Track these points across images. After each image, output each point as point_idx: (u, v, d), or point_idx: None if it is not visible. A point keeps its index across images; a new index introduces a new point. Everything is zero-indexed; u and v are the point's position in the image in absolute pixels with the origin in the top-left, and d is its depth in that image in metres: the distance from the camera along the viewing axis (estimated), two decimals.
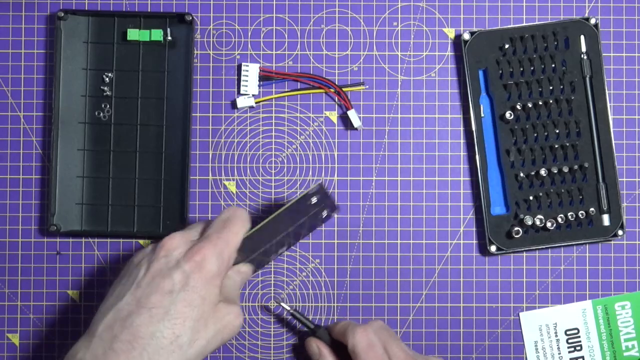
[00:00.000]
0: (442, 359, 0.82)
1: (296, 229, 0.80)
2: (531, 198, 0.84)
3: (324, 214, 0.82)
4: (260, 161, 0.86)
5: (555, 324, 0.86)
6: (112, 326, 0.72)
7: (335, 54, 0.86)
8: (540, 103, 0.84)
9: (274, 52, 0.86)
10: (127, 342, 0.71)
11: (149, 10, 0.86)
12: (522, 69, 0.84)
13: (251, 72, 0.85)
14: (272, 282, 0.86)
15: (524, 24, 0.85)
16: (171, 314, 0.72)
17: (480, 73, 0.85)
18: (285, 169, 0.86)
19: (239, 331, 0.78)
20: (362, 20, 0.87)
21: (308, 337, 0.83)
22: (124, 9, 0.86)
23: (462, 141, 0.86)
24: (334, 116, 0.86)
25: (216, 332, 0.74)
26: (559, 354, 0.86)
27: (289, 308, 0.84)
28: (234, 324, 0.75)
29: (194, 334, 0.72)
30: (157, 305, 0.72)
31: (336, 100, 0.86)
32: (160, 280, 0.73)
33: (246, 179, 0.86)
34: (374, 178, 0.86)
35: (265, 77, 0.86)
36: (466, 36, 0.85)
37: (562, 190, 0.84)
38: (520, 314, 0.86)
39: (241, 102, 0.85)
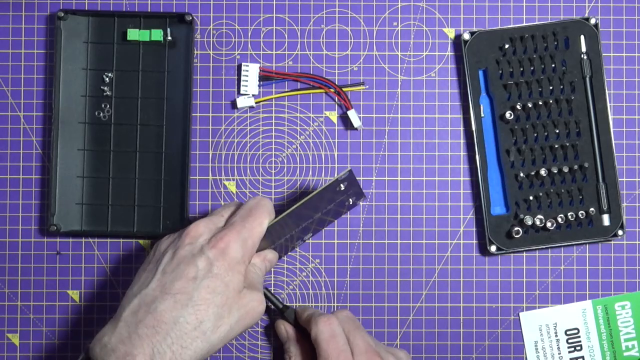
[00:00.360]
0: (406, 353, 0.82)
1: (322, 215, 0.81)
2: (531, 198, 0.84)
3: (351, 201, 0.83)
4: (260, 161, 0.86)
5: (555, 324, 0.86)
6: (137, 311, 0.73)
7: (335, 54, 0.86)
8: (540, 103, 0.84)
9: (274, 52, 0.86)
10: (151, 326, 0.72)
11: (149, 10, 0.86)
12: (522, 69, 0.84)
13: (251, 72, 0.85)
14: (272, 282, 0.86)
15: (524, 24, 0.85)
16: (195, 300, 0.73)
17: (480, 73, 0.85)
18: (285, 169, 0.86)
19: (261, 317, 0.79)
20: (362, 20, 0.87)
21: (278, 318, 0.83)
22: (124, 9, 0.86)
23: (462, 141, 0.86)
24: (334, 116, 0.86)
25: (239, 318, 0.75)
26: (559, 354, 0.86)
27: None
28: (257, 310, 0.76)
29: (217, 320, 0.73)
30: (181, 291, 0.73)
31: (336, 100, 0.86)
32: (185, 266, 0.74)
33: (246, 179, 0.86)
34: (374, 178, 0.86)
35: (265, 77, 0.86)
36: (466, 36, 0.85)
37: (562, 190, 0.84)
38: (520, 314, 0.86)
39: (241, 102, 0.85)
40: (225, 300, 0.74)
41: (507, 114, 0.84)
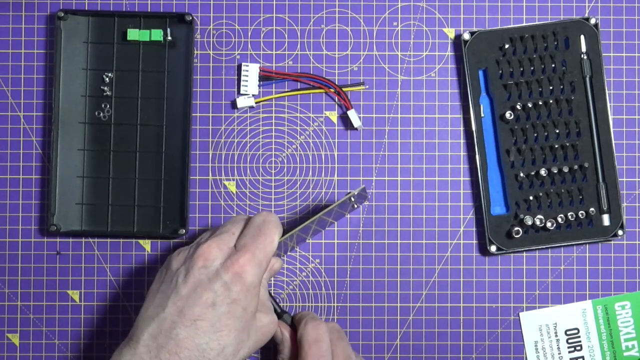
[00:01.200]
0: None
1: (324, 216, 0.82)
2: (531, 198, 0.84)
3: (355, 205, 0.84)
4: (260, 161, 0.86)
5: (555, 324, 0.86)
6: (157, 336, 0.72)
7: (335, 54, 0.86)
8: (540, 103, 0.84)
9: (274, 52, 0.86)
10: (174, 353, 0.72)
11: (149, 10, 0.86)
12: (522, 69, 0.84)
13: (251, 72, 0.85)
14: (273, 281, 0.86)
15: (524, 24, 0.85)
16: (217, 326, 0.73)
17: (480, 73, 0.85)
18: (285, 169, 0.86)
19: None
20: (362, 20, 0.87)
21: None
22: (124, 9, 0.86)
23: (462, 141, 0.86)
24: (334, 116, 0.86)
25: (256, 340, 0.76)
26: (559, 354, 0.86)
27: None
28: (272, 331, 0.78)
29: (237, 344, 0.74)
30: (201, 317, 0.72)
31: (336, 100, 0.86)
32: (202, 291, 0.73)
33: (246, 179, 0.86)
34: (374, 178, 0.86)
35: (265, 77, 0.86)
36: (466, 36, 0.85)
37: (562, 190, 0.84)
38: (520, 314, 0.86)
39: (241, 102, 0.85)
40: (244, 324, 0.74)
41: (507, 114, 0.84)
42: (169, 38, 0.85)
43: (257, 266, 0.74)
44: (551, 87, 0.84)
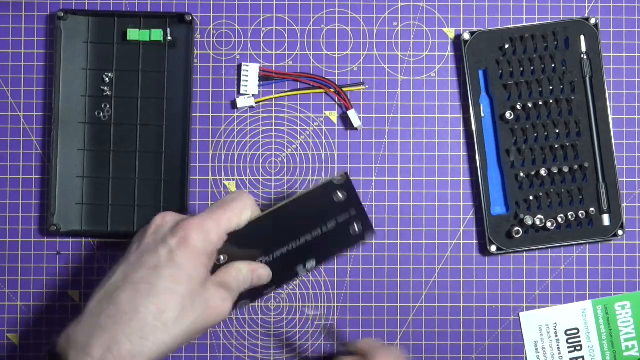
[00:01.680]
0: None
1: (322, 236, 0.76)
2: (531, 198, 0.84)
3: (356, 228, 0.77)
4: (260, 161, 0.86)
5: (555, 324, 0.86)
6: (101, 301, 0.71)
7: (335, 54, 0.86)
8: (540, 103, 0.84)
9: (274, 52, 0.86)
10: (112, 316, 0.70)
11: (149, 11, 0.86)
12: (522, 69, 0.84)
13: (251, 72, 0.85)
14: None
15: (524, 24, 0.85)
16: (157, 289, 0.70)
17: (480, 73, 0.85)
18: (285, 169, 0.86)
19: (226, 318, 0.76)
20: (362, 20, 0.87)
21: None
22: (123, 9, 0.86)
23: (462, 141, 0.86)
24: (334, 116, 0.86)
25: (202, 312, 0.72)
26: (559, 354, 0.86)
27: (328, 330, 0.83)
28: (221, 309, 0.73)
29: (179, 311, 0.71)
30: (143, 280, 0.71)
31: (336, 100, 0.86)
32: (148, 255, 0.72)
33: (246, 179, 0.86)
34: (374, 178, 0.86)
35: (265, 77, 0.86)
36: (466, 36, 0.85)
37: (562, 190, 0.84)
38: (520, 314, 0.86)
39: (241, 102, 0.85)
40: (189, 291, 0.71)
41: (507, 114, 0.84)
42: (169, 38, 0.85)
43: (204, 233, 0.72)
44: (551, 87, 0.84)
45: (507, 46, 0.84)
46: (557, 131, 0.84)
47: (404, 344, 0.86)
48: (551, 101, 0.84)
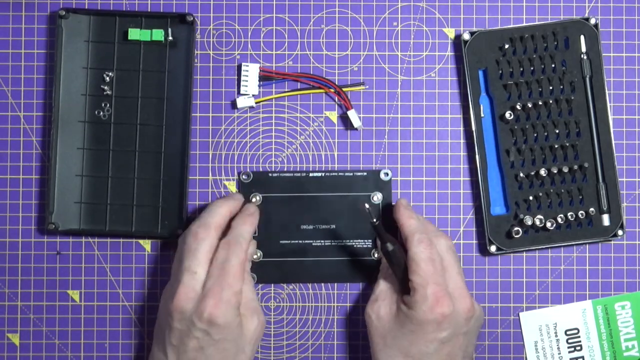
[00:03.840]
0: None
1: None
2: (531, 198, 0.84)
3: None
4: (260, 161, 0.86)
5: (555, 324, 0.86)
6: None
7: (335, 54, 0.86)
8: (540, 103, 0.84)
9: (274, 52, 0.87)
10: None
11: (149, 10, 0.86)
12: (522, 69, 0.84)
13: (251, 72, 0.85)
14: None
15: (524, 24, 0.85)
16: None
17: (480, 73, 0.85)
18: (285, 169, 0.86)
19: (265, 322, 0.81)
20: (362, 20, 0.87)
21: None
22: (124, 9, 0.86)
23: (462, 141, 0.86)
24: (334, 116, 0.86)
25: (252, 348, 0.79)
26: (559, 354, 0.86)
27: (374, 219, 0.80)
28: (262, 330, 0.80)
29: None
30: (197, 359, 0.77)
31: (336, 100, 0.86)
32: (187, 340, 0.77)
33: None
34: None
35: (265, 77, 0.86)
36: (466, 36, 0.85)
37: (562, 190, 0.84)
38: (520, 314, 0.86)
39: (241, 102, 0.85)
40: (236, 348, 0.78)
41: (507, 114, 0.84)
42: (170, 38, 0.85)
43: (226, 305, 0.76)
44: (551, 87, 0.84)
45: (507, 46, 0.84)
46: (557, 131, 0.84)
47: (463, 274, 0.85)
48: (551, 101, 0.84)
